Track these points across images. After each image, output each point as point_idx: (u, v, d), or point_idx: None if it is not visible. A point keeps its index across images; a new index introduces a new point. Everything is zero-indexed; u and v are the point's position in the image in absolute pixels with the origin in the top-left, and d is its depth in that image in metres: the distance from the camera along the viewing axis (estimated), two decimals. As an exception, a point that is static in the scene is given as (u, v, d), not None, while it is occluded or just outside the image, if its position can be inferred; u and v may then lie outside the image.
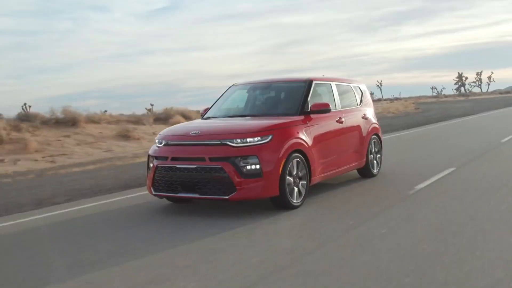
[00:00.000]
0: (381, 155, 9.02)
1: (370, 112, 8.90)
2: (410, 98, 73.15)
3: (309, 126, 6.80)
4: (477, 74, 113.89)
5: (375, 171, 8.69)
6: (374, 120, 8.93)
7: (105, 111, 23.91)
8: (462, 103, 53.09)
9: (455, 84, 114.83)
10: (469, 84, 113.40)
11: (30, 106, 22.14)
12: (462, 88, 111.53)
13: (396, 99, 67.45)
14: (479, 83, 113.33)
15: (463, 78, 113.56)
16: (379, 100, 72.64)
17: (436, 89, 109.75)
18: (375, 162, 8.73)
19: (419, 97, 76.77)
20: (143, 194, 7.69)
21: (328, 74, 8.27)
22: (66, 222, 6.41)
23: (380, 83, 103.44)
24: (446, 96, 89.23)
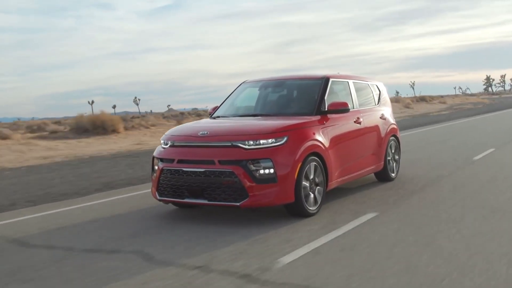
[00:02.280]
0: (399, 157, 8.53)
1: (388, 111, 8.48)
2: (436, 96, 72.50)
3: (326, 127, 6.40)
4: (501, 76, 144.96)
5: (393, 174, 8.28)
6: (392, 120, 8.50)
7: (168, 106, 26.25)
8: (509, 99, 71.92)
9: (484, 84, 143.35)
10: (495, 85, 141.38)
11: (139, 99, 24.53)
12: (490, 88, 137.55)
13: (442, 97, 69.45)
14: (503, 84, 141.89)
15: (490, 80, 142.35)
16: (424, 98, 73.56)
17: (461, 88, 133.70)
18: (393, 165, 8.24)
19: (442, 96, 76.87)
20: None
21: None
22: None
23: (413, 83, 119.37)
24: (480, 94, 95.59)
